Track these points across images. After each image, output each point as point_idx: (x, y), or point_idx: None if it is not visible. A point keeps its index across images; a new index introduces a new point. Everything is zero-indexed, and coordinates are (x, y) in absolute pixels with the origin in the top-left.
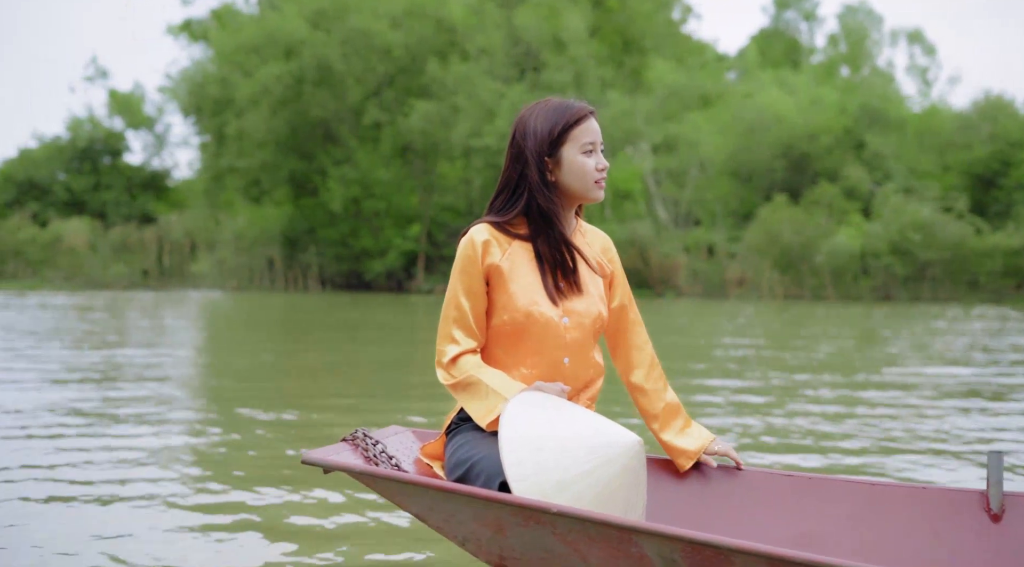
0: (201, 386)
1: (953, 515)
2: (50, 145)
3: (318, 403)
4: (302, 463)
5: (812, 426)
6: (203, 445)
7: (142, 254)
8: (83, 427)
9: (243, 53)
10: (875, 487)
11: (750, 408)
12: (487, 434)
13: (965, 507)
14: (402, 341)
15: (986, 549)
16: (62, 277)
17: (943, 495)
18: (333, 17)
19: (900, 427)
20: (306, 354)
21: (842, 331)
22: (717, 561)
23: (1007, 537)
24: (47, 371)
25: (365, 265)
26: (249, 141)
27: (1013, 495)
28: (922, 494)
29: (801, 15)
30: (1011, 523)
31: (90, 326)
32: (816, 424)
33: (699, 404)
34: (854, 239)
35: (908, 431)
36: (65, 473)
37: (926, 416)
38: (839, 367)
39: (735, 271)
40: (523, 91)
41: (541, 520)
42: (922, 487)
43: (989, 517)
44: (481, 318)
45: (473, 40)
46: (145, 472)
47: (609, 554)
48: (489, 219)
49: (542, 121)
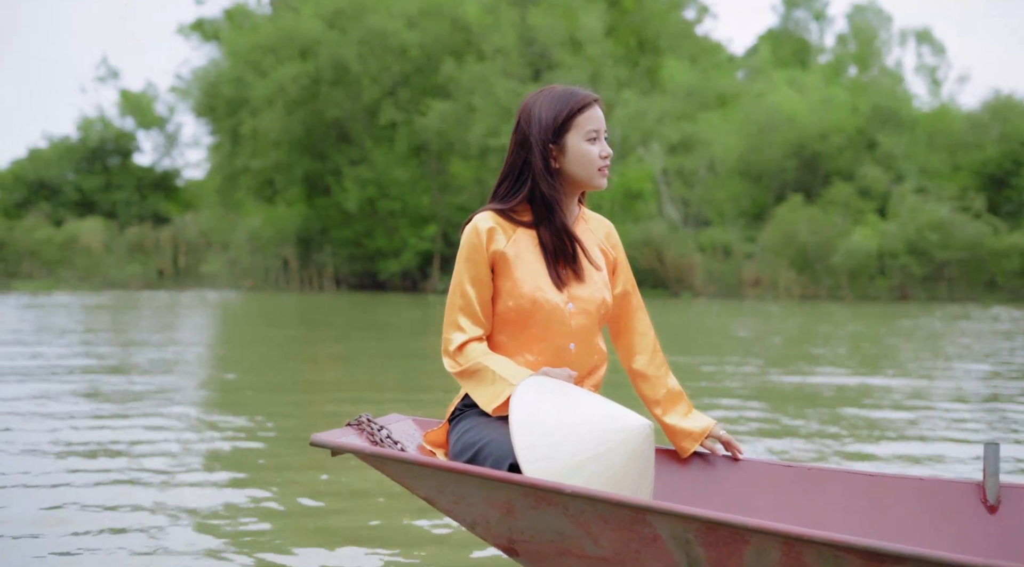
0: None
1: (950, 506)
2: (60, 145)
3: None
4: (311, 445)
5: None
6: (221, 439)
7: (157, 254)
8: (114, 417)
9: (259, 53)
10: (874, 478)
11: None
12: (493, 419)
13: (962, 498)
14: (430, 334)
15: (983, 539)
16: (77, 277)
17: (940, 486)
18: (350, 17)
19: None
20: (349, 348)
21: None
22: (732, 540)
23: (1003, 527)
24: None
25: (379, 265)
26: (264, 141)
27: (1009, 486)
28: (920, 485)
29: (811, 15)
30: (1007, 514)
31: (120, 324)
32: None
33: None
34: (871, 239)
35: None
36: (111, 463)
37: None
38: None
39: (751, 271)
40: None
41: (553, 501)
42: (919, 478)
43: (986, 508)
44: (487, 305)
45: (489, 40)
46: (159, 462)
47: (621, 535)
48: (493, 206)
49: (547, 108)
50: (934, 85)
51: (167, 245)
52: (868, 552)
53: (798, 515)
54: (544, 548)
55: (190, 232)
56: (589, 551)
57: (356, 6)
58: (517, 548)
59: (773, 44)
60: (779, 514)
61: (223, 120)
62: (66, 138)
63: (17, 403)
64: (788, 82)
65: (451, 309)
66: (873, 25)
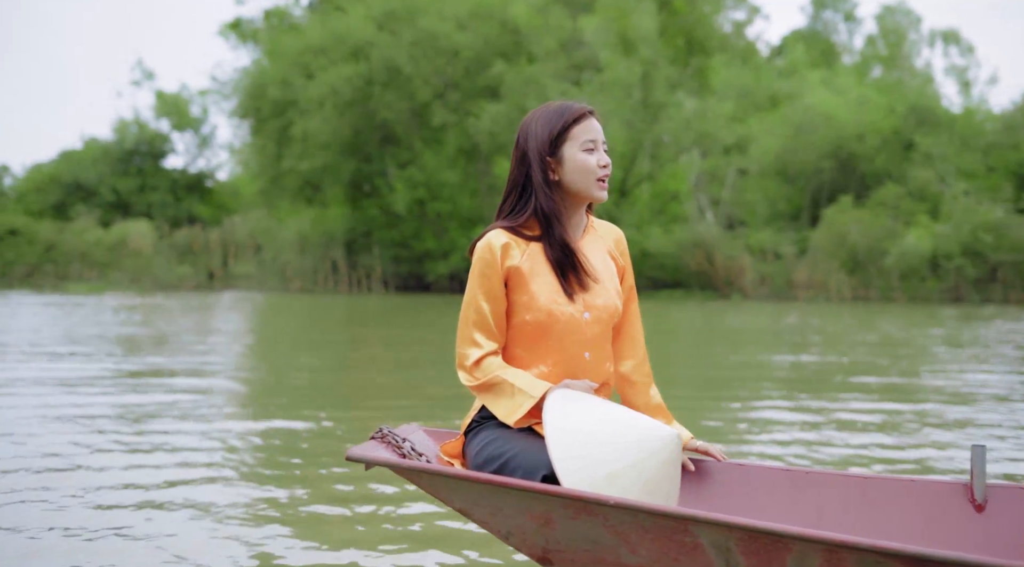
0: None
1: (940, 506)
2: (96, 147)
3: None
4: (346, 459)
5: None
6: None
7: (206, 256)
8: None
9: (310, 54)
10: (868, 480)
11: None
12: (516, 431)
13: (951, 498)
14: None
15: (972, 537)
16: (128, 279)
17: (930, 487)
18: (402, 19)
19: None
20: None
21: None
22: (774, 548)
23: (990, 526)
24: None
25: (427, 267)
26: (313, 143)
27: (995, 486)
28: (911, 486)
29: (841, 15)
30: (994, 513)
31: (203, 326)
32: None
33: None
34: (923, 240)
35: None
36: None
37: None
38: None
39: (802, 273)
40: (592, 91)
41: (594, 512)
42: (911, 479)
43: (974, 507)
44: (501, 320)
45: (539, 42)
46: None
47: (661, 544)
48: (503, 224)
49: (543, 123)
50: (964, 86)
51: (216, 247)
52: (911, 558)
53: (796, 518)
54: (579, 557)
55: (239, 234)
56: (625, 560)
57: (407, 8)
58: (551, 557)
59: (802, 45)
60: (778, 517)
61: (268, 121)
62: (93, 140)
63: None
64: (824, 83)
65: (465, 324)
66: (903, 26)
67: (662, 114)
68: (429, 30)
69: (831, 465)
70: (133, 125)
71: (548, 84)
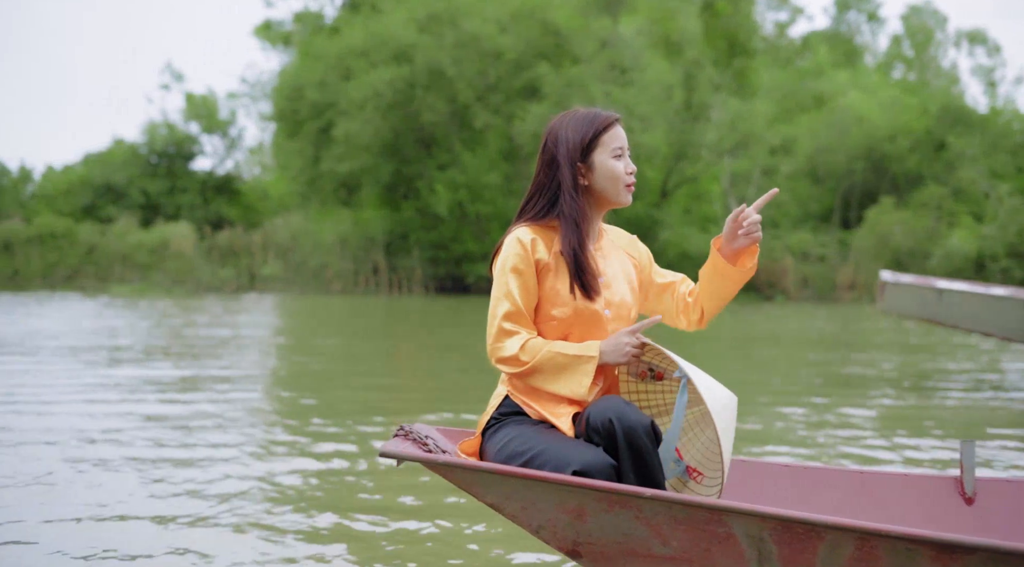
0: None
1: (932, 499)
2: (126, 149)
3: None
4: (379, 456)
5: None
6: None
7: (248, 258)
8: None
9: (352, 57)
10: (864, 474)
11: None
12: (538, 428)
13: (942, 492)
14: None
15: (963, 529)
16: (170, 281)
17: (922, 481)
18: (444, 21)
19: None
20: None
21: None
22: (807, 537)
23: (980, 517)
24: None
25: (466, 268)
26: (354, 145)
27: (984, 480)
28: (904, 480)
29: (865, 16)
30: (983, 505)
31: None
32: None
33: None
34: (968, 242)
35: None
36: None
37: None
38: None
39: (846, 274)
40: (635, 93)
41: (628, 504)
42: (904, 474)
43: (964, 500)
44: (532, 313)
45: (581, 44)
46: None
47: (693, 535)
48: (526, 223)
49: (573, 129)
50: (989, 86)
51: (257, 249)
52: (941, 544)
53: (796, 509)
54: (609, 550)
55: (280, 236)
56: (656, 551)
57: (450, 10)
58: (581, 550)
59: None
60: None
61: (305, 123)
62: (119, 142)
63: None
64: (855, 84)
65: (495, 318)
66: (929, 26)
67: (704, 115)
68: (472, 32)
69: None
70: (163, 127)
71: (590, 85)
